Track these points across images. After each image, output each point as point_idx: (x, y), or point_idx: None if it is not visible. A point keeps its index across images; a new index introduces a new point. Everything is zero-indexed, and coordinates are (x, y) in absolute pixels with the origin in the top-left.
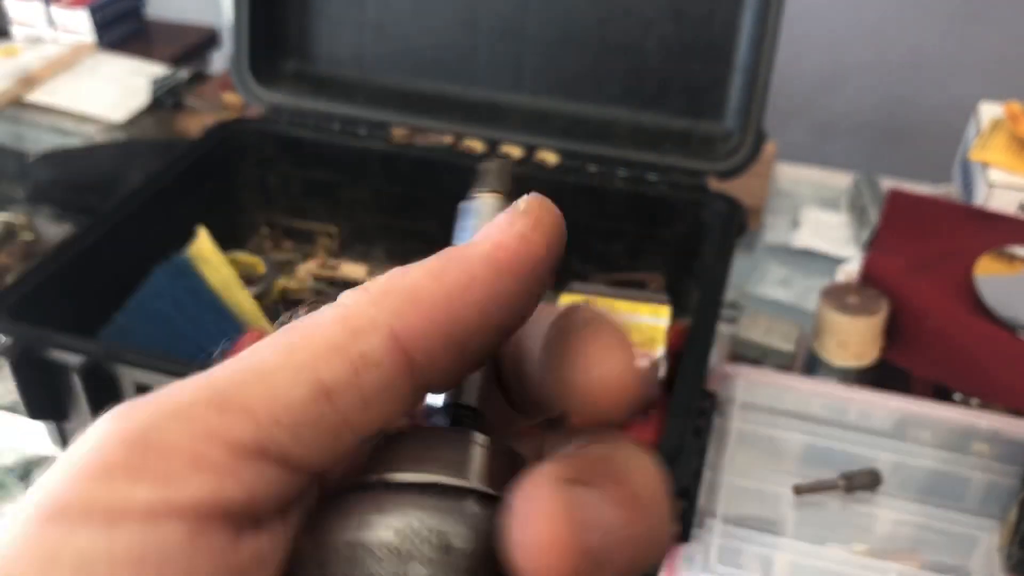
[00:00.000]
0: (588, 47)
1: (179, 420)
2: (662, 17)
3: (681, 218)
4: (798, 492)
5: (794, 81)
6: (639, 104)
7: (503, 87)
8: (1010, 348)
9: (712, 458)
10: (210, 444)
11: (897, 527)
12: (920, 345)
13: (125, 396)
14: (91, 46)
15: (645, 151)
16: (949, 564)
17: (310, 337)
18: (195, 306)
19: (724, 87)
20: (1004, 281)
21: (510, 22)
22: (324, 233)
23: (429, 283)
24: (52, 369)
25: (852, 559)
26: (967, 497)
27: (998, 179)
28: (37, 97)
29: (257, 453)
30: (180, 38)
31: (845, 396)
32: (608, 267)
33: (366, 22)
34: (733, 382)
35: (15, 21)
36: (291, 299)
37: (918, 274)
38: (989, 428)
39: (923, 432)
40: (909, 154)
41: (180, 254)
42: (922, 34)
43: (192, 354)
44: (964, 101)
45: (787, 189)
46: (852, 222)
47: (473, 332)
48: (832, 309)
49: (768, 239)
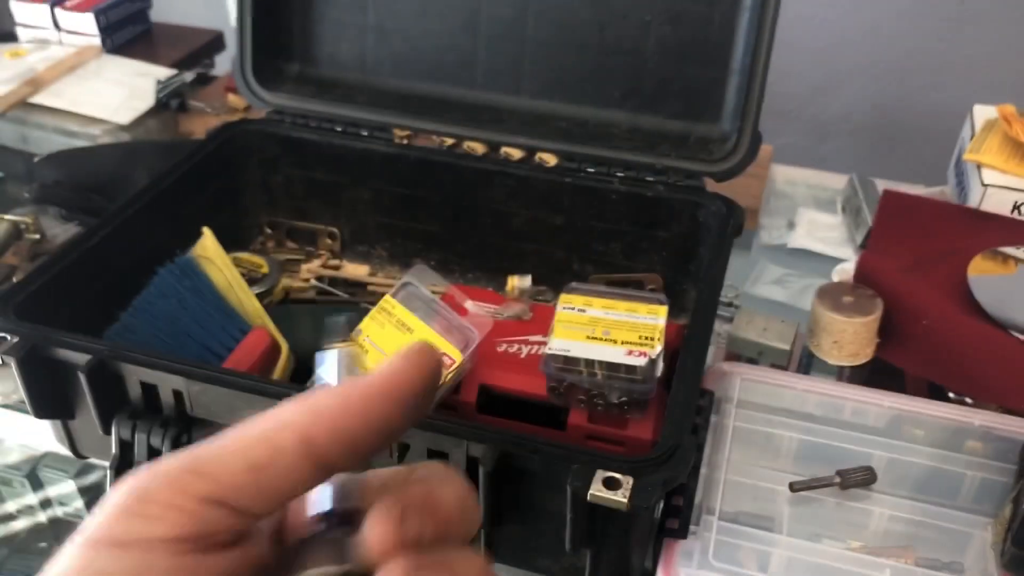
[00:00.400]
0: (587, 51)
1: (167, 480)
2: (660, 21)
3: (679, 219)
4: (794, 489)
5: (790, 84)
6: (637, 107)
7: (503, 90)
8: (1003, 348)
9: (709, 455)
10: (184, 497)
11: (892, 524)
12: (914, 344)
13: (130, 395)
14: (97, 48)
15: (643, 153)
16: (943, 561)
17: (250, 429)
18: (200, 306)
19: (721, 90)
20: (997, 281)
21: (510, 26)
22: (326, 233)
23: (334, 402)
24: (58, 368)
25: (847, 555)
26: (961, 494)
27: (992, 180)
28: (43, 99)
29: (216, 503)
30: (185, 41)
31: (840, 394)
32: (606, 267)
33: (368, 26)
34: (730, 380)
35: (22, 23)
36: (294, 298)
37: (912, 274)
38: (982, 426)
39: (917, 430)
40: (903, 156)
41: (185, 254)
42: (916, 37)
43: (197, 353)
44: (958, 103)
45: (783, 190)
46: (847, 223)
47: (362, 438)
48: (827, 309)
49: (765, 240)
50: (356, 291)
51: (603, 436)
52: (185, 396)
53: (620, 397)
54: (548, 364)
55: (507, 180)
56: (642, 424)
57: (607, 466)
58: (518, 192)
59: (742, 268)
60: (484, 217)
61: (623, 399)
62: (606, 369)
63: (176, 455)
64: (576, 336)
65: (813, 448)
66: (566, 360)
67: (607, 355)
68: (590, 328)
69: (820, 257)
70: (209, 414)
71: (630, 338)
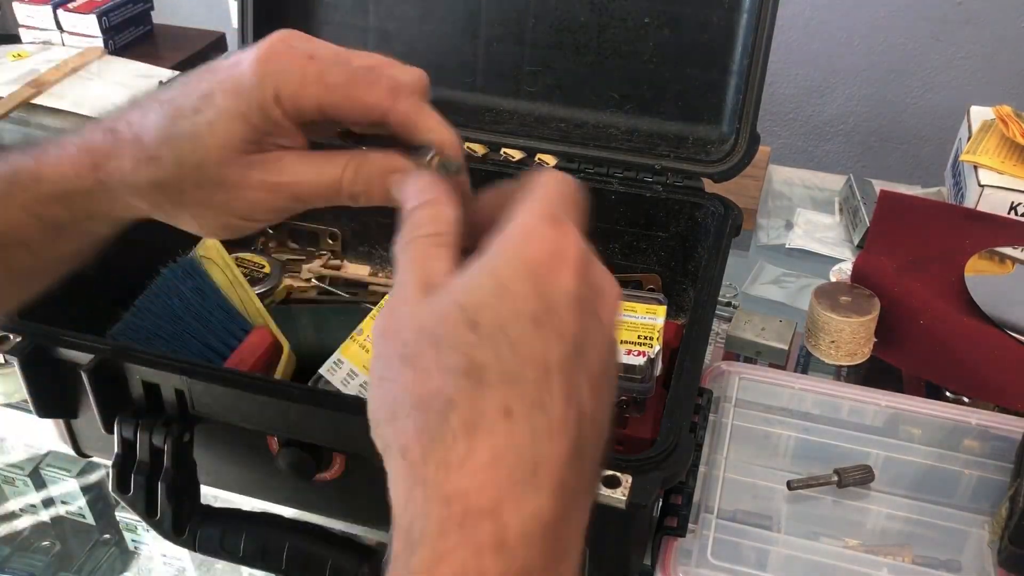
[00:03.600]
0: (586, 53)
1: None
2: (658, 24)
3: (677, 219)
4: (792, 487)
5: (788, 85)
6: (636, 108)
7: (503, 92)
8: (1000, 347)
9: (707, 454)
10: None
11: (889, 522)
12: (911, 344)
13: (133, 394)
14: (99, 50)
15: (642, 154)
16: (940, 559)
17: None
18: (202, 306)
19: (719, 92)
20: (994, 281)
21: (510, 29)
22: (328, 234)
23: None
24: (60, 367)
25: (845, 553)
26: (958, 493)
27: (989, 181)
28: (46, 100)
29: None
30: (187, 42)
31: (838, 393)
32: (605, 267)
33: (369, 28)
34: (728, 380)
35: (25, 25)
36: (296, 297)
37: (909, 274)
38: (979, 425)
39: (915, 429)
40: (901, 157)
41: (188, 254)
42: (913, 39)
43: (199, 353)
44: (954, 104)
45: (781, 191)
46: (845, 223)
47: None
48: (824, 309)
49: (763, 240)
50: (358, 291)
51: None
52: (187, 395)
53: (619, 396)
54: None
55: (507, 181)
56: (641, 423)
57: (606, 465)
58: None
59: (740, 268)
60: None
61: (622, 398)
62: None
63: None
64: None
65: (811, 447)
66: None
67: None
68: None
69: (818, 257)
70: (211, 413)
71: (629, 337)
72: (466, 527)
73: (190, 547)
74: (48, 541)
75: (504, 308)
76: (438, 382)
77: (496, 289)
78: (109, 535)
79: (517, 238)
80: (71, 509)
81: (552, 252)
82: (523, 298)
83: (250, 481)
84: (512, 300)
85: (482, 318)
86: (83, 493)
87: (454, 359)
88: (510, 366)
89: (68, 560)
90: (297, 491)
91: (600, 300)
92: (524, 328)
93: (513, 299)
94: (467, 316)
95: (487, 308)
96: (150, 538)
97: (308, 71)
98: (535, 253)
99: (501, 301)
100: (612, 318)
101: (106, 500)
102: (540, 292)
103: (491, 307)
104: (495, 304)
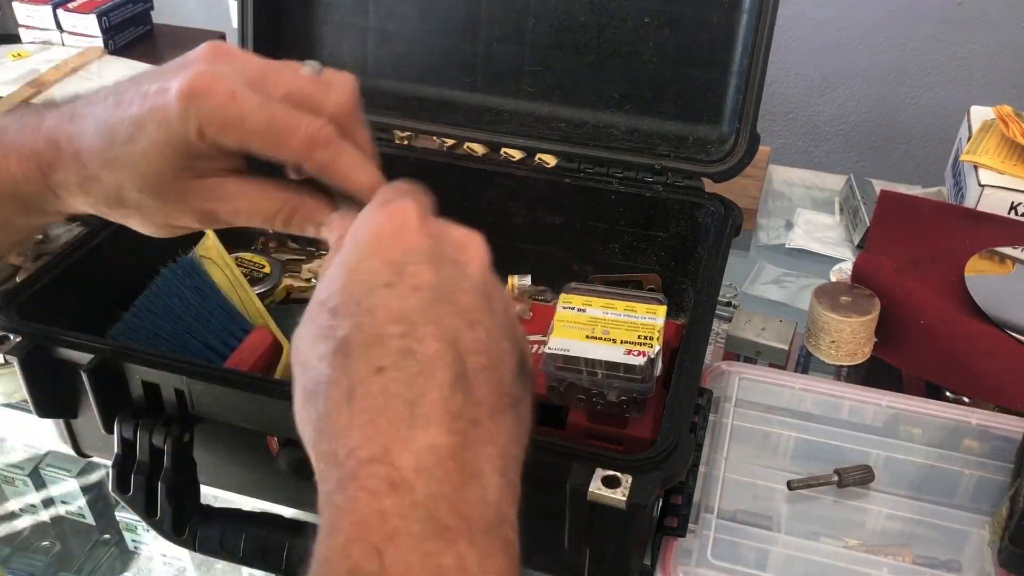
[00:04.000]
0: (586, 53)
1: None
2: (658, 23)
3: (677, 219)
4: (792, 487)
5: (788, 85)
6: (636, 108)
7: (503, 92)
8: (1000, 347)
9: (708, 454)
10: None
11: (889, 522)
12: (911, 344)
13: (133, 394)
14: (99, 50)
15: (642, 154)
16: (940, 559)
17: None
18: (202, 305)
19: (719, 91)
20: (994, 281)
21: (510, 29)
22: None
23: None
24: (61, 367)
25: (845, 553)
26: (958, 493)
27: (989, 181)
28: (46, 100)
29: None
30: (187, 42)
31: (838, 393)
32: (605, 267)
33: (369, 28)
34: (728, 380)
35: (25, 25)
36: (296, 297)
37: (909, 274)
38: (979, 425)
39: (915, 429)
40: (901, 157)
41: (187, 254)
42: (913, 39)
43: (199, 353)
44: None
45: (781, 191)
46: (845, 223)
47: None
48: (825, 309)
49: (763, 240)
50: None
51: (602, 435)
52: (187, 395)
53: (619, 396)
54: (548, 363)
55: (507, 181)
56: (641, 423)
57: (606, 464)
58: (518, 193)
59: (740, 268)
60: (484, 217)
61: (622, 398)
62: (605, 368)
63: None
64: (575, 336)
65: (811, 447)
66: (565, 359)
67: (606, 354)
68: (589, 328)
69: (818, 257)
70: (211, 413)
71: (629, 337)
72: (359, 477)
73: (190, 547)
74: (48, 541)
75: (356, 286)
76: (316, 369)
77: (347, 274)
78: (109, 535)
79: (357, 227)
80: (71, 509)
81: (390, 224)
82: (373, 271)
83: (250, 481)
84: (363, 275)
85: (338, 301)
86: (83, 493)
87: (323, 345)
88: (372, 331)
89: (68, 560)
90: (297, 491)
91: (459, 250)
92: (378, 294)
93: (364, 274)
94: (326, 306)
95: (340, 292)
96: (150, 538)
97: (229, 113)
98: (375, 230)
99: (352, 281)
100: (479, 262)
101: (106, 500)
102: (388, 261)
103: (343, 289)
104: (347, 286)
